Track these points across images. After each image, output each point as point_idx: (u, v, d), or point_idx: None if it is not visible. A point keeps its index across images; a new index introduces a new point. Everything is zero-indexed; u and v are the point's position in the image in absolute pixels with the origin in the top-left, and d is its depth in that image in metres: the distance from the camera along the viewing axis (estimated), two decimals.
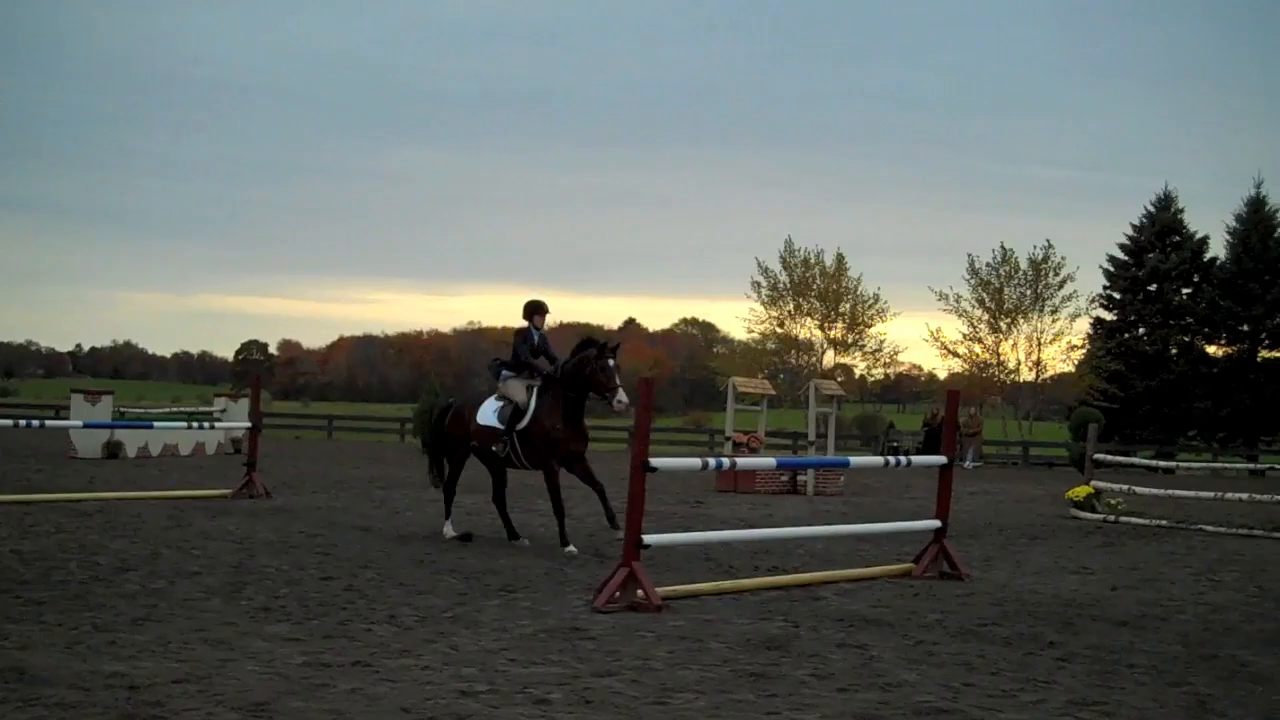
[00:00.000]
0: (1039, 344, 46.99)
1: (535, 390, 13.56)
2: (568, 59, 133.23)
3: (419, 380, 68.86)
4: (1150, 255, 48.32)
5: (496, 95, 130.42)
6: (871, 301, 49.79)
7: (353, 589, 10.32)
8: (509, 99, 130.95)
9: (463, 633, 8.56)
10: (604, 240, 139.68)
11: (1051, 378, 49.53)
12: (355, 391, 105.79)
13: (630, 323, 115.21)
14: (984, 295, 47.02)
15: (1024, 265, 46.92)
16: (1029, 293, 46.96)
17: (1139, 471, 26.12)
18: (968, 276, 47.59)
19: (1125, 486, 20.58)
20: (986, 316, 46.99)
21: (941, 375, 48.69)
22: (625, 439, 38.63)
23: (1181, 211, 49.06)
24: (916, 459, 14.69)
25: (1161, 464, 30.61)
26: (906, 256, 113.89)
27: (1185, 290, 48.34)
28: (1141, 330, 48.31)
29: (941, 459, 12.73)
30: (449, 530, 14.21)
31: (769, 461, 15.63)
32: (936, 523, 12.40)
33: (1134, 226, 49.39)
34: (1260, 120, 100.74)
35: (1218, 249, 48.52)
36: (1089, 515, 19.52)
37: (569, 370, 13.34)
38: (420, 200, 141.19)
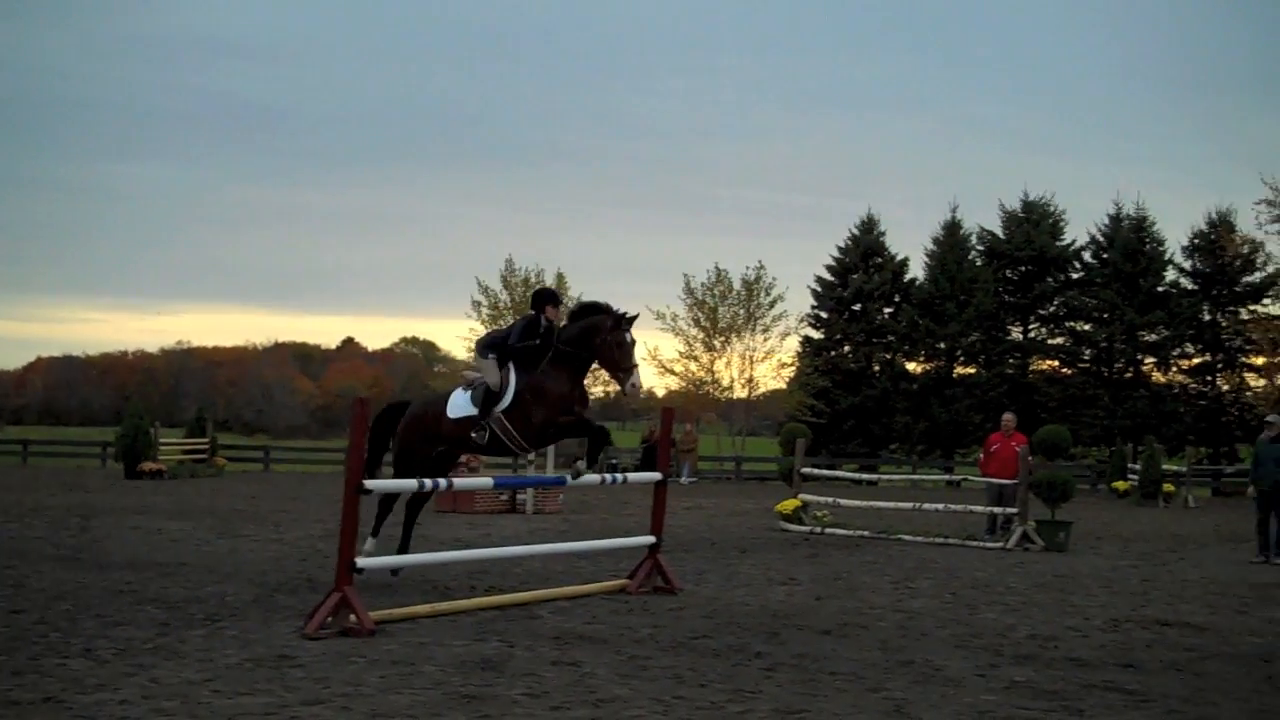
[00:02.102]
0: (751, 362, 48.30)
1: (513, 365, 11.62)
2: (288, 75, 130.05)
3: (122, 403, 65.91)
4: (855, 276, 50.29)
5: (214, 111, 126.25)
6: None
7: (45, 622, 9.79)
8: (227, 114, 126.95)
9: (164, 664, 8.23)
10: (322, 258, 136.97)
11: (763, 395, 51.11)
12: (54, 414, 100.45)
13: (349, 342, 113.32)
14: (699, 314, 48.09)
15: (737, 285, 48.24)
16: (742, 312, 48.24)
17: (844, 484, 27.17)
18: (684, 296, 48.63)
19: (831, 499, 21.38)
20: (702, 335, 48.05)
21: (660, 393, 49.49)
22: (342, 460, 37.87)
23: (884, 234, 51.26)
24: (633, 476, 14.90)
25: (865, 476, 31.95)
26: (626, 276, 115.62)
27: (887, 310, 50.45)
28: (847, 348, 50.24)
29: (656, 475, 12.95)
30: (370, 549, 12.17)
31: (486, 481, 15.54)
32: (651, 538, 12.61)
33: (839, 249, 51.32)
34: (957, 146, 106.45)
35: (917, 270, 50.91)
36: (796, 527, 20.17)
37: (572, 336, 11.52)
38: (129, 217, 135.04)
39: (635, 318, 11.43)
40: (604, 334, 11.32)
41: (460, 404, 12.06)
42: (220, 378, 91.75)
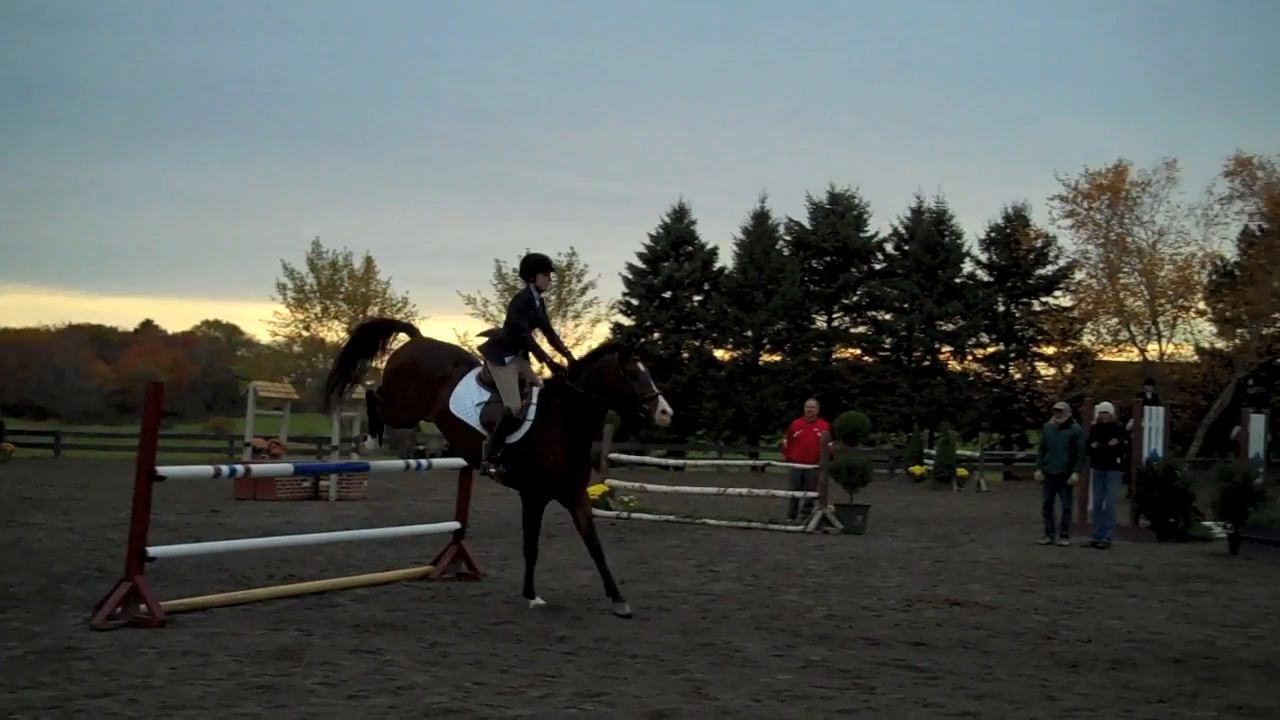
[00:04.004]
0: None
1: (536, 392, 10.75)
2: (81, 43, 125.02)
3: None
4: (665, 264, 50.71)
5: (6, 82, 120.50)
6: (401, 305, 49.99)
7: None
8: (11, 83, 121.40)
9: None
10: (120, 237, 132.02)
11: None
12: None
13: (148, 324, 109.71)
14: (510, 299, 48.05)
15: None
16: (553, 298, 48.36)
17: (651, 469, 27.40)
18: (495, 281, 48.57)
19: (637, 484, 21.55)
20: None
21: None
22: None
23: (694, 223, 51.80)
24: (438, 461, 14.77)
25: (672, 462, 32.28)
26: (436, 260, 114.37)
27: (697, 298, 51.03)
28: (657, 335, 50.66)
29: (461, 461, 12.84)
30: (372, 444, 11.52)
31: (286, 467, 15.29)
32: (456, 524, 12.54)
33: (651, 236, 51.71)
34: (766, 138, 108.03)
35: (726, 259, 51.59)
36: (604, 513, 20.23)
37: (589, 381, 10.64)
38: None
39: (642, 346, 10.52)
40: (614, 371, 10.53)
41: (466, 401, 10.80)
42: (10, 361, 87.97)
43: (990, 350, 49.72)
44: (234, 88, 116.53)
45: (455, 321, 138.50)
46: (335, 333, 49.79)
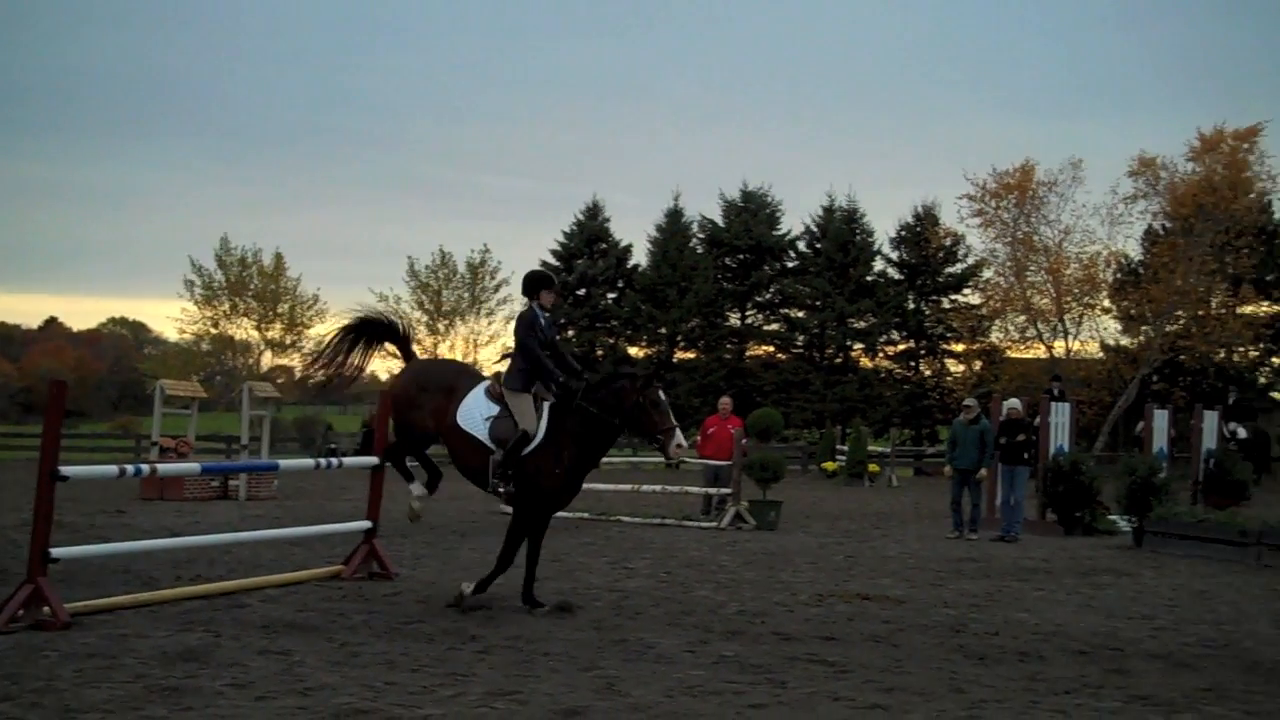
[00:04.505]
0: (475, 346, 48.24)
1: (548, 407, 10.48)
2: None
3: None
4: (579, 261, 50.66)
5: None
6: (311, 302, 49.54)
7: None
8: None
9: None
10: (23, 234, 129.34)
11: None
12: None
13: (52, 322, 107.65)
14: (423, 297, 47.77)
15: (462, 269, 48.14)
16: (467, 295, 48.18)
17: None
18: (408, 279, 48.22)
19: None
20: (425, 319, 47.71)
21: (384, 376, 48.80)
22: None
23: (608, 221, 51.77)
24: (349, 460, 14.65)
25: None
26: (347, 258, 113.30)
27: (611, 295, 51.03)
28: (571, 333, 50.59)
29: (373, 460, 12.76)
30: (420, 492, 10.99)
31: (194, 467, 15.06)
32: (367, 523, 12.43)
33: (565, 234, 51.60)
34: (680, 136, 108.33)
35: (640, 257, 51.60)
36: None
37: (607, 401, 10.41)
38: None
39: (662, 375, 10.41)
40: (633, 396, 10.31)
41: (474, 415, 10.52)
42: None
43: (901, 347, 50.20)
44: (142, 84, 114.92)
45: None
46: (244, 330, 49.27)
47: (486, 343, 48.53)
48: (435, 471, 11.19)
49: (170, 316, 73.70)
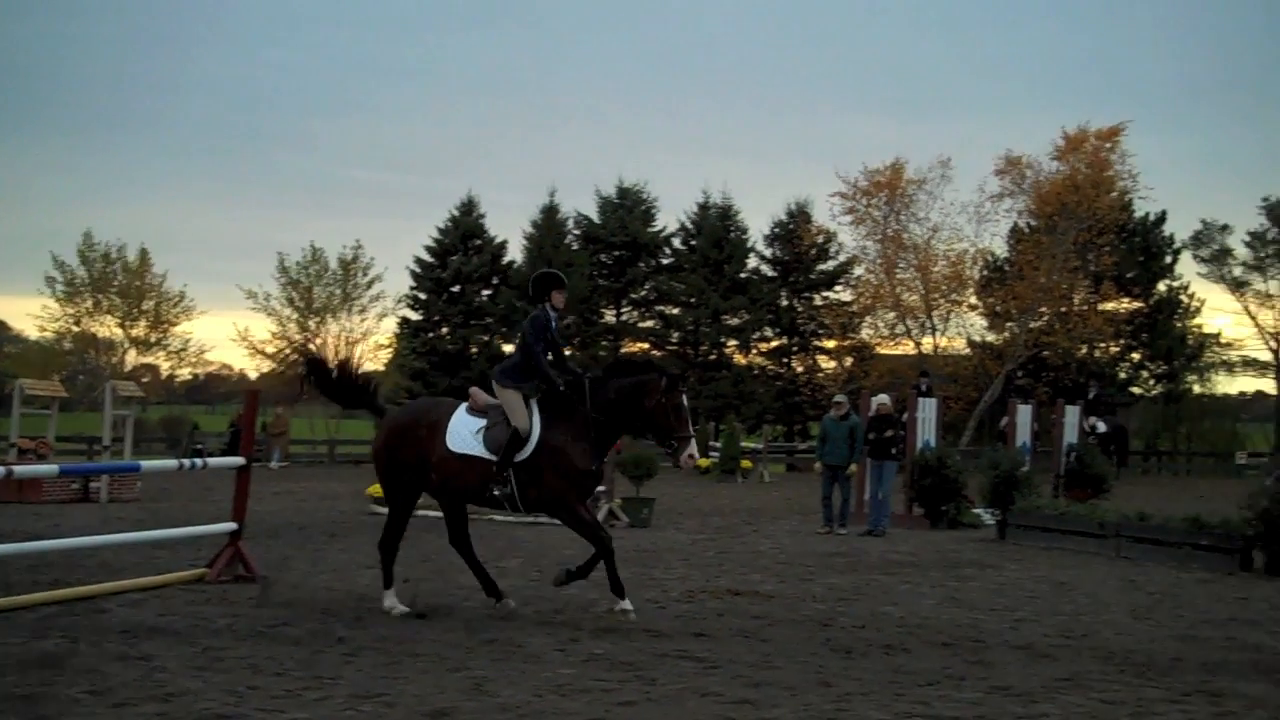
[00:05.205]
0: (348, 343, 47.67)
1: (535, 404, 10.27)
2: None
3: None
4: (454, 258, 50.24)
5: None
6: (177, 299, 48.64)
7: None
8: None
9: None
10: None
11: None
12: None
13: None
14: (294, 294, 47.07)
15: (334, 265, 47.54)
16: (339, 292, 47.57)
17: None
18: (278, 275, 47.44)
19: None
20: (296, 315, 47.03)
21: (254, 375, 48.07)
22: None
23: (484, 217, 51.34)
24: (214, 461, 14.38)
25: None
26: (215, 254, 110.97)
27: (485, 292, 50.68)
28: (445, 330, 50.17)
29: (239, 460, 12.55)
30: (392, 603, 10.36)
31: (51, 468, 14.65)
32: (233, 525, 12.21)
33: (439, 230, 51.15)
34: (555, 132, 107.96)
35: (515, 253, 51.37)
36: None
37: (624, 392, 10.20)
38: None
39: (688, 378, 10.17)
40: (657, 395, 10.05)
41: (464, 435, 10.30)
42: None
43: (774, 344, 50.66)
44: None
45: (236, 316, 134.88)
46: (107, 327, 48.17)
47: (359, 340, 48.02)
48: (489, 582, 10.95)
49: (31, 314, 71.80)
